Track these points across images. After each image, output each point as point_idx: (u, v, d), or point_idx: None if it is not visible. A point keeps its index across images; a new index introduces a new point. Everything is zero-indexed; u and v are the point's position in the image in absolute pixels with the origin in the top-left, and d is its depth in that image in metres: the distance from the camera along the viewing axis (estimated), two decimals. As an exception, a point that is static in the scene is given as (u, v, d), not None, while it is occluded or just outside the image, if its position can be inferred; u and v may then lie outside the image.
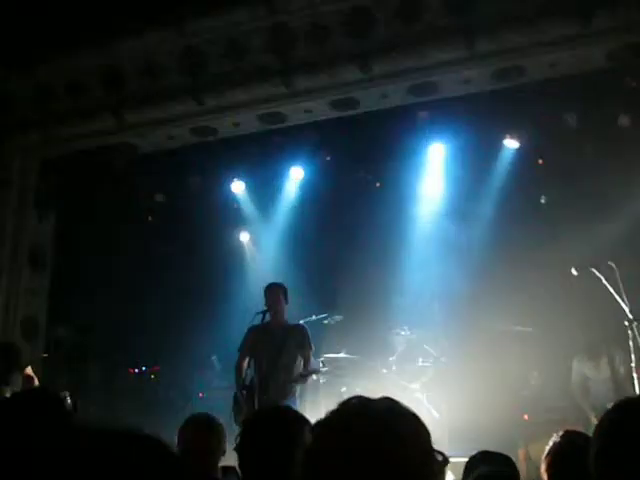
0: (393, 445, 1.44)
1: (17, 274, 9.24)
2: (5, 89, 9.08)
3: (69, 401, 7.00)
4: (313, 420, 1.65)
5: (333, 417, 1.54)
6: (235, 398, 6.82)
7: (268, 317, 6.89)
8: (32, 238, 9.45)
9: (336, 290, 9.59)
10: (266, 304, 6.93)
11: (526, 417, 8.66)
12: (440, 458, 1.51)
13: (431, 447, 1.50)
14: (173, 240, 11.00)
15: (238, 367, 7.01)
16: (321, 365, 7.76)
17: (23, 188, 9.39)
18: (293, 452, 1.65)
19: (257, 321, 6.89)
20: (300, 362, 6.99)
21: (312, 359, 7.20)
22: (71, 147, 9.41)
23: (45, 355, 9.78)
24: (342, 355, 9.06)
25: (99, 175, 9.69)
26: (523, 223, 9.61)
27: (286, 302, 7.08)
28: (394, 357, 8.97)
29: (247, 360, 6.89)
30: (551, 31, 7.17)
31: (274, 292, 7.00)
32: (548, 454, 3.30)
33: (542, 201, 10.05)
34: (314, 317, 8.42)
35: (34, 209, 9.47)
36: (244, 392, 6.71)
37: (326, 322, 8.70)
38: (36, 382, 7.48)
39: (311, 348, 7.12)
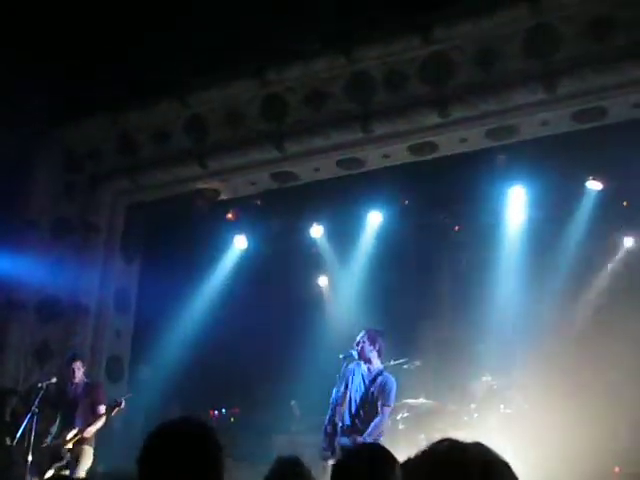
0: None
1: (103, 315, 9.55)
2: (93, 140, 9.53)
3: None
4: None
5: (425, 458, 1.52)
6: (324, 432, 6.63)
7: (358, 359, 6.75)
8: (119, 281, 9.78)
9: (416, 335, 9.47)
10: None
11: (617, 470, 8.27)
12: None
13: None
14: (252, 283, 11.14)
15: (332, 400, 6.79)
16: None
17: (111, 233, 9.76)
18: None
19: (346, 365, 6.72)
20: (379, 414, 6.46)
21: (384, 416, 6.52)
22: (156, 193, 9.77)
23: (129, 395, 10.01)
24: (421, 401, 8.91)
25: (181, 219, 9.99)
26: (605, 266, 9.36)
27: (372, 346, 6.74)
28: (475, 404, 8.76)
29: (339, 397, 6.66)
30: (634, 72, 7.06)
31: (360, 336, 6.85)
32: None
33: (627, 244, 9.76)
34: (392, 362, 8.26)
35: (121, 253, 9.82)
36: (329, 428, 6.55)
37: (405, 367, 8.57)
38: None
39: (387, 405, 6.51)
